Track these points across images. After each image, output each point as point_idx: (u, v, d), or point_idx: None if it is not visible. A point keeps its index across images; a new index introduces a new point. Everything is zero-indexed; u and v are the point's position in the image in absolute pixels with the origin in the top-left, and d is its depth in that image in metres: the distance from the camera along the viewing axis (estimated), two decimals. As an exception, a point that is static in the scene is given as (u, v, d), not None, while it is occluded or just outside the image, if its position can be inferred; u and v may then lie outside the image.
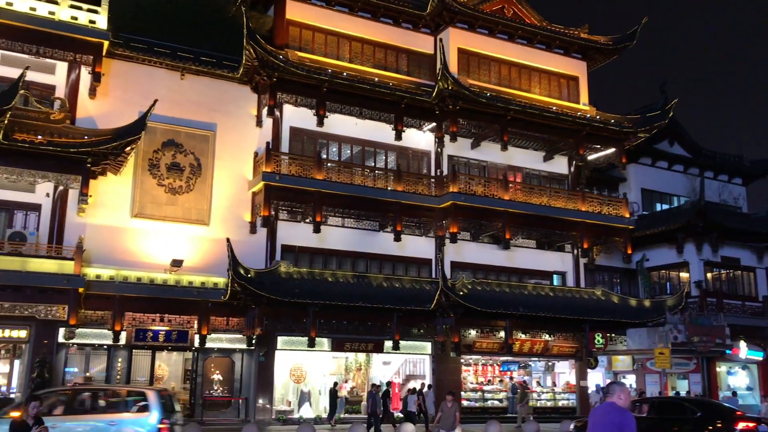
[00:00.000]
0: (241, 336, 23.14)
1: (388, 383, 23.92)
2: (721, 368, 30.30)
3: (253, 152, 25.33)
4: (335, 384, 23.96)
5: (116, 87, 23.63)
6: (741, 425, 14.85)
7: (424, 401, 22.71)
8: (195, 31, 26.67)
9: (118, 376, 21.95)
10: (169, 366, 23.84)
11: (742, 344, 28.90)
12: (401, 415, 24.07)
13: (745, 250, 31.87)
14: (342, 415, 23.85)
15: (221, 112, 25.17)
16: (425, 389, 23.86)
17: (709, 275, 31.07)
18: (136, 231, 23.22)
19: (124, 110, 22.99)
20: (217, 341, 23.03)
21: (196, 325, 22.55)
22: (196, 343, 22.59)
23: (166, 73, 24.50)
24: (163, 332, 22.28)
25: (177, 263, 22.78)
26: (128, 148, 21.46)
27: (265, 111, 25.12)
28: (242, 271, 21.52)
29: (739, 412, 16.54)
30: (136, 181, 23.46)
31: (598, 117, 30.16)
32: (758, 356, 30.22)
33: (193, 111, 24.68)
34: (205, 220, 24.22)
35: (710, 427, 14.98)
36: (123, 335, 21.72)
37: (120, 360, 22.14)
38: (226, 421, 22.39)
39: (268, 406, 22.99)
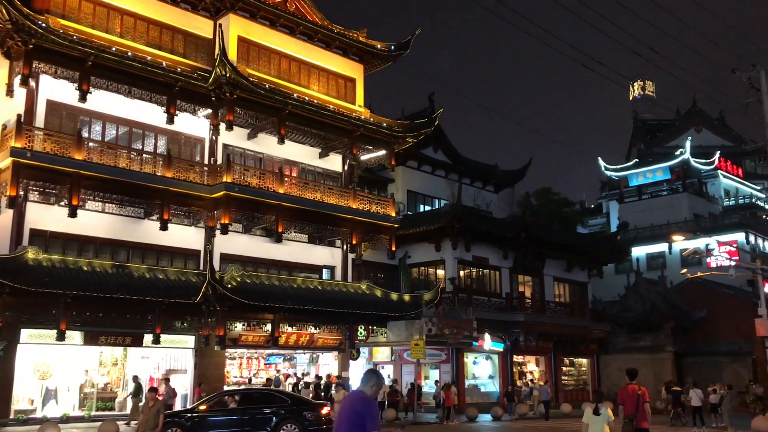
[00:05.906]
0: (-24, 329, 20.65)
1: (328, 375, 23.88)
2: (468, 359, 33.16)
3: (1, 125, 22.69)
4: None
5: None
6: (324, 410, 18.74)
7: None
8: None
9: None
10: None
11: (487, 336, 31.92)
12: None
13: (492, 251, 35.16)
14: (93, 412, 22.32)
15: (-37, 76, 22.27)
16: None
17: (461, 272, 33.81)
18: None
19: None
20: (-56, 335, 20.34)
21: None
22: None
23: None
24: None
25: None
26: None
27: (17, 80, 22.61)
28: (-20, 257, 19.22)
29: (318, 401, 21.24)
30: None
31: (371, 120, 31.35)
32: (499, 347, 33.57)
33: (-73, 71, 21.58)
34: (-64, 197, 21.27)
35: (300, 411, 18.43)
36: None
37: None
38: (-49, 425, 19.88)
39: (5, 404, 20.77)
